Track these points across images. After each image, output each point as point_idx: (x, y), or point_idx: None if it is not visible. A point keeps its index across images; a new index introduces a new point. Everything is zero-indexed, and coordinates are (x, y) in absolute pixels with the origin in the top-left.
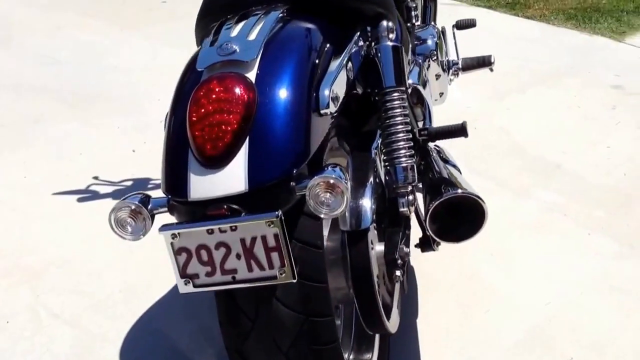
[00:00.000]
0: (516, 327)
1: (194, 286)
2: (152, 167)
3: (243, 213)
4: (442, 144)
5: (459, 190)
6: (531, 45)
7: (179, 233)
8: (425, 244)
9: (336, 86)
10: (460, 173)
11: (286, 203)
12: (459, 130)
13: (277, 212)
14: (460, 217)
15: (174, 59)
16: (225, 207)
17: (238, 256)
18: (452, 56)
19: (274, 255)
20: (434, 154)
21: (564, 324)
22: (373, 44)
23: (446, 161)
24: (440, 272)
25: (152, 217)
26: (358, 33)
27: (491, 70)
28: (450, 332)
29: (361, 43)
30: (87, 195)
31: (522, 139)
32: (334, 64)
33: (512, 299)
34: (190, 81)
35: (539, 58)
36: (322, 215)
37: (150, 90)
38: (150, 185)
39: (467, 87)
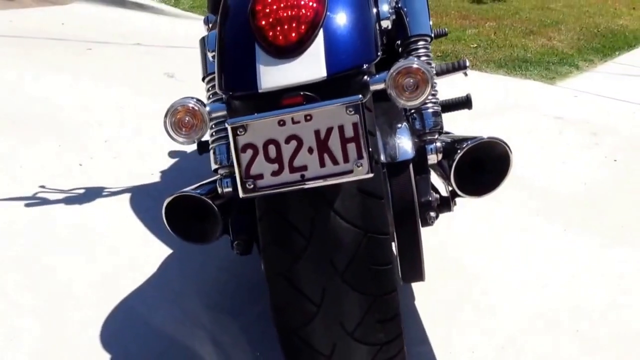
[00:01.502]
0: (517, 305)
1: (258, 188)
2: (103, 179)
3: (319, 101)
4: None
5: (485, 136)
6: (470, 86)
7: (246, 125)
8: (443, 204)
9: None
10: None
11: (362, 96)
12: (464, 102)
13: (359, 96)
14: (481, 170)
15: (107, 91)
16: (302, 93)
17: (310, 150)
18: None
19: (351, 147)
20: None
21: (562, 303)
22: None
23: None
24: (431, 262)
25: (209, 120)
26: None
27: (465, 74)
28: (451, 310)
29: None
30: (36, 201)
31: None
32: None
33: (508, 283)
34: None
35: (481, 96)
36: (402, 102)
37: (89, 116)
38: (105, 193)
39: None
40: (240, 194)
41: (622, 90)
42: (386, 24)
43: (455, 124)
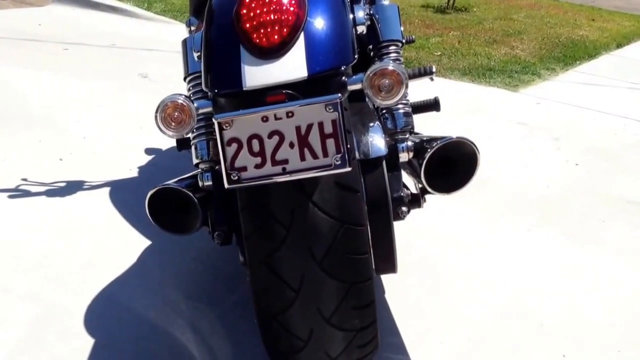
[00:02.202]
0: (484, 299)
1: (242, 180)
2: (83, 173)
3: (300, 99)
4: None
5: (454, 136)
6: (437, 92)
7: (232, 120)
8: (414, 200)
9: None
10: None
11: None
12: (433, 105)
13: (338, 95)
14: (450, 168)
15: (84, 89)
16: (284, 92)
17: (291, 145)
18: None
19: (330, 142)
20: None
21: (528, 297)
22: (370, 5)
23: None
24: (400, 257)
25: (196, 116)
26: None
27: (431, 79)
28: (421, 303)
29: (365, 5)
30: (18, 193)
31: None
32: (357, 5)
33: (474, 279)
34: None
35: (447, 101)
36: (378, 101)
37: (68, 114)
38: (85, 187)
39: None
40: (226, 185)
41: (583, 98)
42: (361, 29)
43: (424, 127)
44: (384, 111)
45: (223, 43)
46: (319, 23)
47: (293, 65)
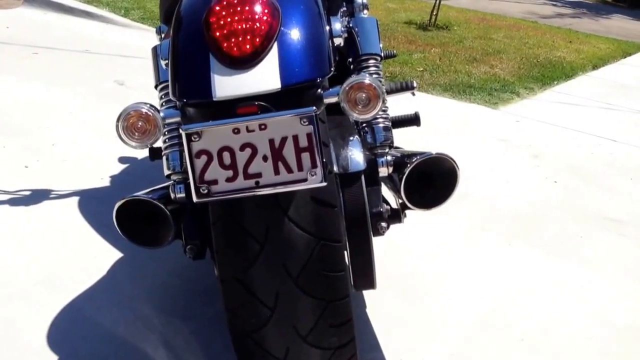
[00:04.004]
0: (464, 315)
1: (212, 193)
2: (50, 182)
3: (273, 111)
4: None
5: (434, 152)
6: (417, 108)
7: (201, 131)
8: (394, 216)
9: (341, 17)
10: None
11: (316, 108)
12: (413, 120)
13: (313, 108)
14: (430, 184)
15: (54, 96)
16: (256, 103)
17: (265, 158)
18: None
19: (305, 156)
20: None
21: (508, 312)
22: (349, 18)
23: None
24: (380, 272)
25: (163, 127)
26: (342, 9)
27: (413, 94)
28: (403, 319)
29: (345, 17)
30: None
31: None
32: (334, 17)
33: (455, 294)
34: (202, 1)
35: (428, 117)
36: (354, 115)
37: (35, 120)
38: (52, 196)
39: None
40: (194, 199)
41: (560, 116)
42: (339, 41)
43: (405, 141)
44: (363, 125)
45: (191, 51)
46: (294, 33)
47: (266, 76)
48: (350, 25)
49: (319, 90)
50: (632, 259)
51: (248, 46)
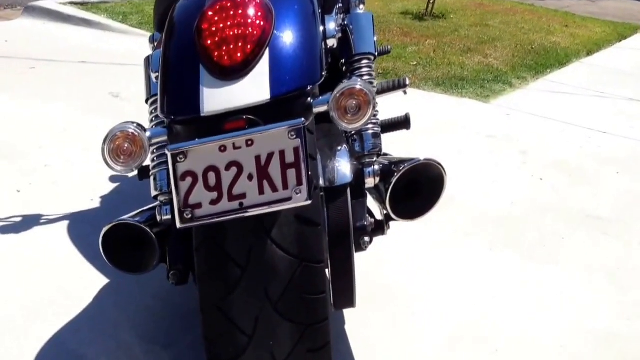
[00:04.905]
0: (443, 325)
1: (196, 218)
2: (41, 205)
3: (261, 125)
4: None
5: (421, 158)
6: (408, 105)
7: (187, 151)
8: (377, 228)
9: (336, 15)
10: None
11: (304, 119)
12: (403, 122)
13: (302, 119)
14: (416, 193)
15: (49, 112)
16: (244, 117)
17: (250, 177)
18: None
19: (291, 173)
20: None
21: (488, 321)
22: (344, 15)
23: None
24: (361, 281)
25: (149, 147)
26: (338, 5)
27: (405, 93)
28: (382, 333)
29: (340, 14)
30: None
31: None
32: (328, 16)
33: (434, 303)
34: (193, 4)
35: (418, 115)
36: (343, 125)
37: (29, 140)
38: (42, 221)
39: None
40: (178, 225)
41: (551, 108)
42: (332, 42)
43: (392, 143)
44: (352, 132)
45: (181, 62)
46: (286, 38)
47: (255, 87)
48: (345, 22)
49: (309, 99)
50: (615, 260)
51: (239, 54)
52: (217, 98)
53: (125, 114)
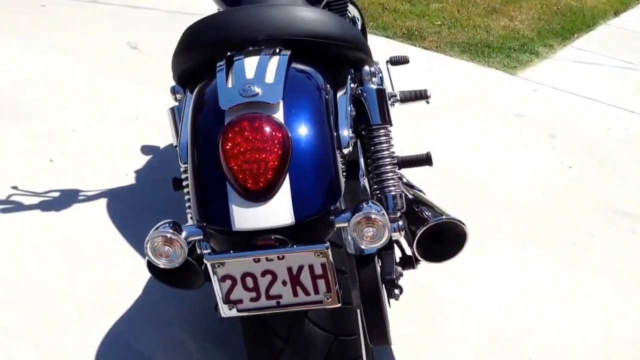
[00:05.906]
0: (477, 332)
1: (238, 310)
2: (76, 178)
3: (290, 244)
4: None
5: (443, 217)
6: (434, 75)
7: (224, 262)
8: (407, 262)
9: (350, 126)
10: (425, 195)
11: (327, 234)
12: (424, 160)
13: (326, 244)
14: (442, 239)
15: (64, 67)
16: (273, 237)
17: (284, 283)
18: (389, 89)
19: (320, 282)
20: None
21: (519, 327)
22: (357, 85)
23: (411, 186)
24: None
25: (187, 244)
26: (349, 76)
27: (427, 102)
28: (417, 339)
29: (352, 85)
30: (10, 206)
31: (446, 161)
32: (341, 104)
33: (468, 308)
34: (214, 119)
35: (443, 86)
36: (362, 246)
37: (52, 99)
38: (81, 198)
39: None
40: (222, 314)
41: (578, 82)
42: (347, 150)
43: (417, 117)
44: (376, 192)
45: (210, 178)
46: (304, 162)
47: (279, 211)
48: (359, 92)
49: (331, 217)
50: None
51: (262, 180)
52: (245, 217)
53: (146, 73)
